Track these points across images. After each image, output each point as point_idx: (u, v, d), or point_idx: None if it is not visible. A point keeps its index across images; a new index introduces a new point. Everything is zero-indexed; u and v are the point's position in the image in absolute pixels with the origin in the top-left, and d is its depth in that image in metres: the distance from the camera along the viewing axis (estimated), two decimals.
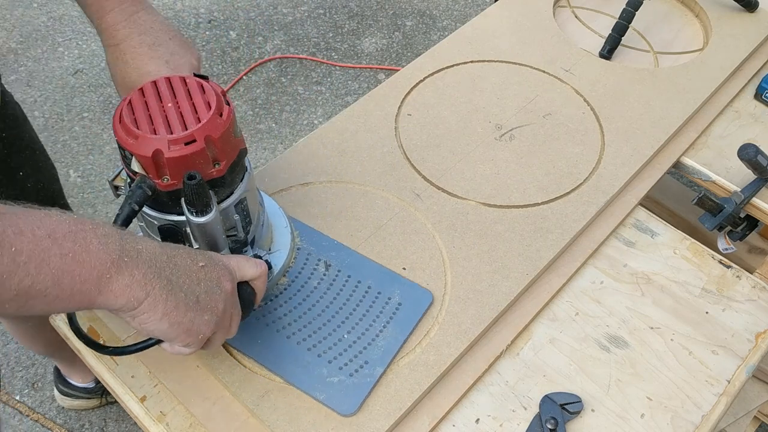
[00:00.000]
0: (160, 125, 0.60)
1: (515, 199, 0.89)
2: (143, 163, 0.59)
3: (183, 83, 0.63)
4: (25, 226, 0.47)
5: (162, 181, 0.60)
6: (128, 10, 0.73)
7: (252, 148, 2.17)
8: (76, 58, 2.40)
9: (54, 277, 0.48)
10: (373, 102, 1.01)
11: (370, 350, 0.73)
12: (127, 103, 0.61)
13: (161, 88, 0.62)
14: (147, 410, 0.70)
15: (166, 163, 0.59)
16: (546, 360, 0.76)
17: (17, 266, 0.46)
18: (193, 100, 0.62)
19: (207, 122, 0.60)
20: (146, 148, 0.58)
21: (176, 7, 2.62)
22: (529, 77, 1.07)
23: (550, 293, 0.81)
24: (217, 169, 0.62)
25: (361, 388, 0.70)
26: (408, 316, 0.76)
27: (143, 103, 0.61)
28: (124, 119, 0.60)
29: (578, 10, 1.23)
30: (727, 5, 1.20)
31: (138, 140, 0.59)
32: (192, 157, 0.59)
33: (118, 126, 0.61)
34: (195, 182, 0.59)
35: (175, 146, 0.59)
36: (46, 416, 1.61)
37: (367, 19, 2.63)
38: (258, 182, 0.90)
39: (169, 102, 0.61)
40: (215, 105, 0.61)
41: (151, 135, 0.59)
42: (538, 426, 0.71)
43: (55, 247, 0.48)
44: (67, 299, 0.49)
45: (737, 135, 1.02)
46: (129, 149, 0.59)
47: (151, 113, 0.61)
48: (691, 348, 0.78)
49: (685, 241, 0.88)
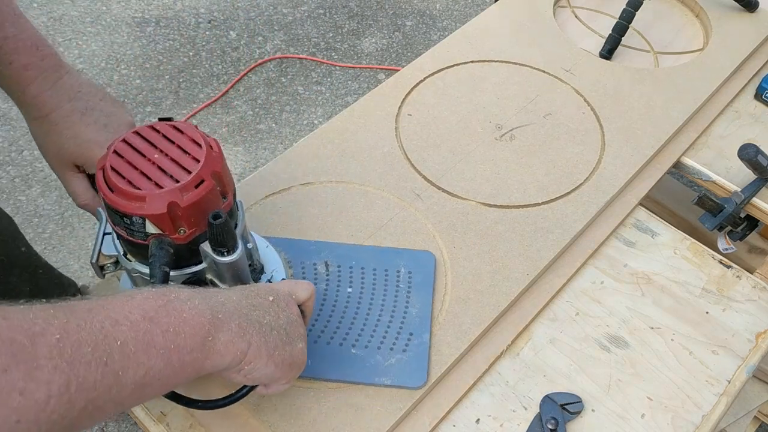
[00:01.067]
0: (161, 178, 0.56)
1: (515, 199, 0.89)
2: (158, 221, 0.56)
3: (155, 131, 0.59)
4: (118, 315, 0.45)
5: (179, 234, 0.57)
6: (51, 78, 0.66)
7: (252, 148, 2.18)
8: (76, 58, 2.40)
9: (163, 358, 0.46)
10: (373, 102, 1.01)
11: (408, 322, 0.75)
12: (110, 169, 0.57)
13: (136, 142, 0.58)
14: (147, 410, 0.70)
15: (183, 214, 0.56)
16: (546, 360, 0.76)
17: (128, 359, 0.44)
18: (176, 143, 0.58)
19: (207, 159, 0.58)
20: (158, 204, 0.55)
21: (176, 7, 2.62)
22: (529, 77, 1.07)
23: (550, 293, 0.81)
24: (226, 203, 0.61)
25: (420, 358, 0.72)
26: (423, 280, 0.79)
27: (127, 163, 0.57)
28: (118, 185, 0.56)
29: (578, 10, 1.23)
30: (727, 5, 1.20)
31: (146, 201, 0.55)
32: (206, 198, 0.57)
33: (113, 195, 0.56)
34: (222, 221, 0.56)
35: (188, 192, 0.56)
36: None
37: (367, 19, 2.63)
38: (258, 182, 0.90)
39: (154, 153, 0.58)
40: (203, 140, 0.59)
41: (158, 190, 0.55)
42: (538, 426, 0.71)
43: (154, 326, 0.46)
44: (178, 375, 0.47)
45: (737, 135, 1.02)
46: (138, 213, 0.55)
47: (142, 170, 0.57)
48: (691, 348, 0.78)
49: (685, 241, 0.88)
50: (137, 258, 0.62)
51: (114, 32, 2.51)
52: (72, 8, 2.58)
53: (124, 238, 0.59)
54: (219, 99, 2.31)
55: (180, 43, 2.49)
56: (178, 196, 0.55)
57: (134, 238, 0.58)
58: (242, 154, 2.16)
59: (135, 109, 2.25)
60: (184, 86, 2.34)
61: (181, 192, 0.56)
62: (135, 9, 2.61)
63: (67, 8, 2.58)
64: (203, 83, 2.35)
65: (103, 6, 2.61)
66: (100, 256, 0.64)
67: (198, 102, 2.30)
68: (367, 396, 0.70)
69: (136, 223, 0.56)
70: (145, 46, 2.47)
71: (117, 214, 0.56)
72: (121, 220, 0.57)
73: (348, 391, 0.71)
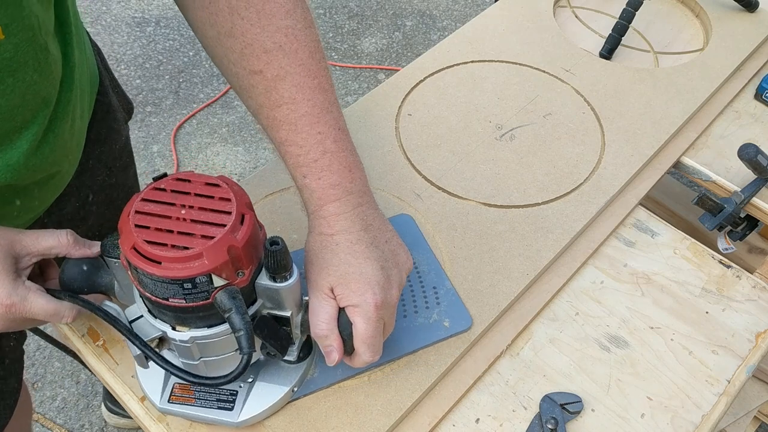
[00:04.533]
0: (204, 229, 0.53)
1: (515, 199, 0.89)
2: (222, 270, 0.53)
3: (161, 191, 0.56)
4: None
5: (239, 278, 0.55)
6: (354, 202, 0.63)
7: (252, 148, 2.18)
8: None
9: None
10: (373, 102, 1.01)
11: (426, 279, 0.79)
12: (144, 243, 0.52)
13: (152, 208, 0.54)
14: (147, 410, 0.70)
15: (243, 253, 0.54)
16: (546, 360, 0.76)
17: None
18: (194, 192, 0.56)
19: (236, 194, 0.56)
20: (218, 253, 0.52)
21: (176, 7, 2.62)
22: (529, 77, 1.07)
23: (550, 293, 0.81)
24: (263, 231, 0.60)
25: (455, 303, 0.78)
26: (414, 240, 0.83)
27: (157, 231, 0.53)
28: (163, 254, 0.52)
29: (578, 10, 1.23)
30: (727, 5, 1.20)
31: (203, 256, 0.52)
32: (254, 232, 0.56)
33: (163, 268, 0.52)
34: (280, 246, 0.55)
35: (238, 231, 0.54)
36: (46, 416, 1.61)
37: (367, 19, 2.63)
38: (258, 182, 0.90)
39: (181, 210, 0.54)
40: (220, 180, 0.57)
41: (209, 241, 0.52)
42: (538, 426, 0.71)
43: None
44: None
45: (737, 135, 1.02)
46: (201, 272, 0.52)
47: (178, 231, 0.53)
48: (691, 348, 0.78)
49: (685, 241, 0.88)
50: (194, 324, 0.58)
51: (114, 32, 2.51)
52: None
53: (178, 307, 0.55)
54: (219, 99, 2.31)
55: (180, 43, 2.49)
56: (232, 238, 0.53)
57: (195, 301, 0.55)
58: (242, 154, 2.16)
59: (135, 108, 2.25)
60: (184, 86, 2.34)
61: (232, 233, 0.53)
62: (135, 9, 2.61)
63: None
64: (203, 83, 2.35)
65: (103, 6, 2.61)
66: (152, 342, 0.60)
67: (198, 102, 2.30)
68: (367, 396, 0.70)
69: (199, 283, 0.53)
70: (145, 46, 2.47)
71: (174, 284, 0.53)
72: (179, 288, 0.53)
73: (348, 391, 0.71)
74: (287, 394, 0.68)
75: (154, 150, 2.15)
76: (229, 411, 0.66)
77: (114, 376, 0.72)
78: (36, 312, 0.59)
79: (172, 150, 2.14)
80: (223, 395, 0.67)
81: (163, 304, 0.55)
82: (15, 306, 0.58)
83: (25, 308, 0.58)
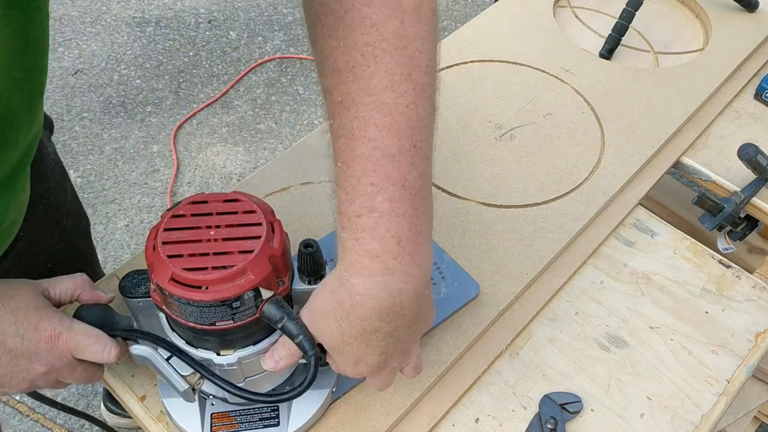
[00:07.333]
0: (239, 245, 0.52)
1: (515, 199, 0.89)
2: (268, 282, 0.53)
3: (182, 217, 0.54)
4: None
5: (281, 287, 0.55)
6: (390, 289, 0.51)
7: (252, 148, 2.18)
8: (76, 58, 2.40)
9: None
10: None
11: None
12: (183, 271, 0.51)
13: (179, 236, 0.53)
14: (147, 409, 0.70)
15: (281, 261, 0.54)
16: (546, 360, 0.76)
17: None
18: (215, 211, 0.54)
19: (259, 205, 0.55)
20: (262, 265, 0.52)
21: (176, 7, 2.62)
22: (529, 77, 1.07)
23: (549, 293, 0.81)
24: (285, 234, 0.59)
25: (459, 274, 0.79)
26: None
27: (191, 257, 0.52)
28: (205, 278, 0.51)
29: (578, 10, 1.23)
30: (727, 5, 1.20)
31: (247, 271, 0.51)
32: (286, 238, 0.55)
33: (219, 287, 0.51)
34: (314, 248, 0.55)
35: (273, 240, 0.53)
36: (46, 416, 1.61)
37: None
38: (258, 182, 0.90)
39: (208, 231, 0.53)
40: (236, 194, 0.56)
41: (249, 255, 0.51)
42: (537, 426, 0.71)
43: None
44: None
45: (737, 135, 1.02)
46: (247, 288, 0.51)
47: (216, 251, 0.52)
48: (690, 348, 0.78)
49: (685, 241, 0.88)
50: (239, 344, 0.57)
51: (114, 32, 2.51)
52: (72, 8, 2.58)
53: (226, 329, 0.54)
54: (219, 99, 2.31)
55: (180, 43, 2.49)
56: (270, 248, 0.52)
57: (243, 319, 0.53)
58: (242, 154, 2.16)
59: (135, 109, 2.25)
60: (184, 86, 2.34)
61: (268, 243, 0.53)
62: (135, 9, 2.61)
63: (67, 8, 2.58)
64: (203, 83, 2.35)
65: (103, 6, 2.61)
66: (187, 379, 0.59)
67: (198, 102, 2.30)
68: (366, 395, 0.70)
69: (247, 299, 0.52)
70: (145, 46, 2.47)
71: (221, 306, 0.51)
72: (226, 309, 0.52)
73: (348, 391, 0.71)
74: (328, 397, 0.68)
75: (154, 150, 2.15)
76: (276, 427, 0.65)
77: (113, 376, 0.72)
78: (83, 341, 0.55)
79: (172, 150, 2.14)
80: (265, 413, 0.66)
81: (209, 330, 0.54)
82: (62, 337, 0.54)
83: (73, 338, 0.54)
